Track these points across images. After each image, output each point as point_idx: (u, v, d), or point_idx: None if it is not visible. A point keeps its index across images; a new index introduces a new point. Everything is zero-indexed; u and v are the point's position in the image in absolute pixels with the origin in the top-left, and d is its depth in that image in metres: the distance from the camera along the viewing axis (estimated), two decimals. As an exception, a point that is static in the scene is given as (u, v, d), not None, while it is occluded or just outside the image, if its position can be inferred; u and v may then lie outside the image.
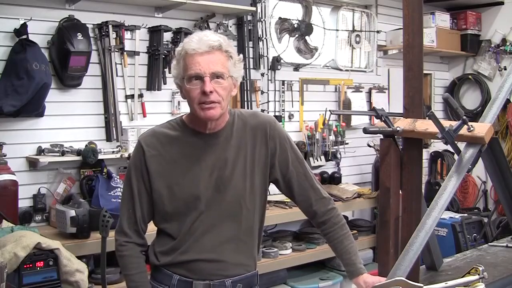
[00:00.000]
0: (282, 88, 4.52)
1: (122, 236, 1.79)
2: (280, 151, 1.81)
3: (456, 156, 1.84)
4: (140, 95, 3.71)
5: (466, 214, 4.59)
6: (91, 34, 3.40)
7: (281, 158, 1.81)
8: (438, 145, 5.40)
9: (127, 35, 3.63)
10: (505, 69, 5.44)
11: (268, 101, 4.41)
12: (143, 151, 1.75)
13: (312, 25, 4.65)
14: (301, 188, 1.84)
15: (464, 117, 1.76)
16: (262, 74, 4.38)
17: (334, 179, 4.66)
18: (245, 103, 4.20)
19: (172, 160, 1.74)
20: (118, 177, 3.41)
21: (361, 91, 5.02)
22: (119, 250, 1.80)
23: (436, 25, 5.29)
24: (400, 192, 2.09)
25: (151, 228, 1.84)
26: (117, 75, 3.58)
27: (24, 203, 3.20)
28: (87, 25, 3.39)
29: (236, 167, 1.75)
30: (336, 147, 4.66)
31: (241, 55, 1.78)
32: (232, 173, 1.74)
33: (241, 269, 1.79)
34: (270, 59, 4.41)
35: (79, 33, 3.22)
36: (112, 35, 3.51)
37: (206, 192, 1.72)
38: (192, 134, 1.76)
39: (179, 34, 3.78)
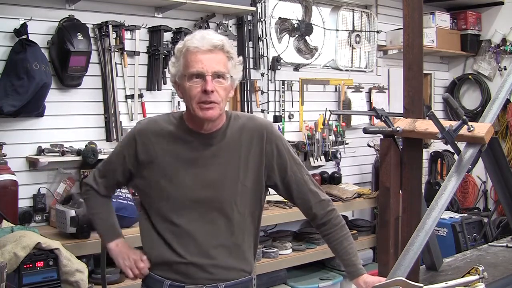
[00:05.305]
0: (282, 88, 4.52)
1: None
2: (277, 155, 1.79)
3: (456, 156, 1.84)
4: (140, 95, 3.71)
5: (466, 214, 4.59)
6: (91, 34, 3.40)
7: (279, 161, 1.79)
8: (438, 145, 5.40)
9: (127, 35, 3.63)
10: (505, 69, 5.44)
11: (268, 101, 4.41)
12: (135, 138, 1.75)
13: (312, 25, 4.65)
14: (300, 192, 1.82)
15: (464, 117, 1.75)
16: (262, 74, 4.38)
17: (334, 179, 4.66)
18: (245, 103, 4.20)
19: (162, 154, 1.71)
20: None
21: (361, 91, 5.03)
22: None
23: (436, 25, 5.29)
24: (400, 192, 2.09)
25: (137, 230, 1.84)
26: (117, 75, 3.58)
27: (24, 203, 3.20)
28: (87, 25, 3.39)
29: (228, 169, 1.72)
30: (336, 147, 4.66)
31: (241, 57, 1.77)
32: (223, 175, 1.72)
33: (235, 273, 1.75)
34: (270, 59, 4.41)
35: (79, 33, 3.22)
36: (112, 35, 3.51)
37: (195, 191, 1.70)
38: (187, 132, 1.73)
39: (179, 34, 3.78)
